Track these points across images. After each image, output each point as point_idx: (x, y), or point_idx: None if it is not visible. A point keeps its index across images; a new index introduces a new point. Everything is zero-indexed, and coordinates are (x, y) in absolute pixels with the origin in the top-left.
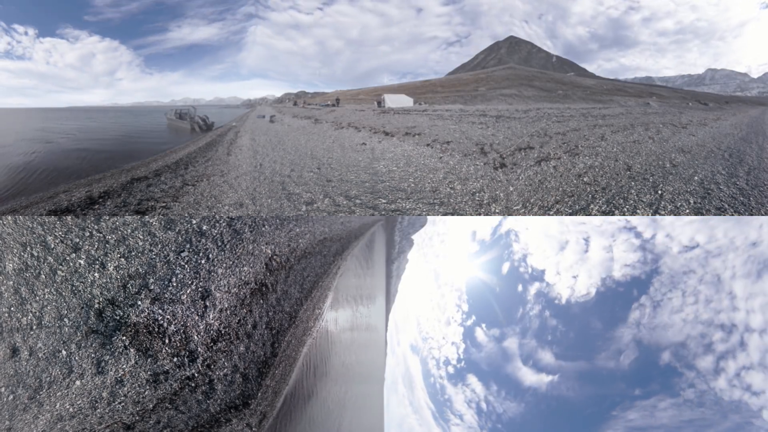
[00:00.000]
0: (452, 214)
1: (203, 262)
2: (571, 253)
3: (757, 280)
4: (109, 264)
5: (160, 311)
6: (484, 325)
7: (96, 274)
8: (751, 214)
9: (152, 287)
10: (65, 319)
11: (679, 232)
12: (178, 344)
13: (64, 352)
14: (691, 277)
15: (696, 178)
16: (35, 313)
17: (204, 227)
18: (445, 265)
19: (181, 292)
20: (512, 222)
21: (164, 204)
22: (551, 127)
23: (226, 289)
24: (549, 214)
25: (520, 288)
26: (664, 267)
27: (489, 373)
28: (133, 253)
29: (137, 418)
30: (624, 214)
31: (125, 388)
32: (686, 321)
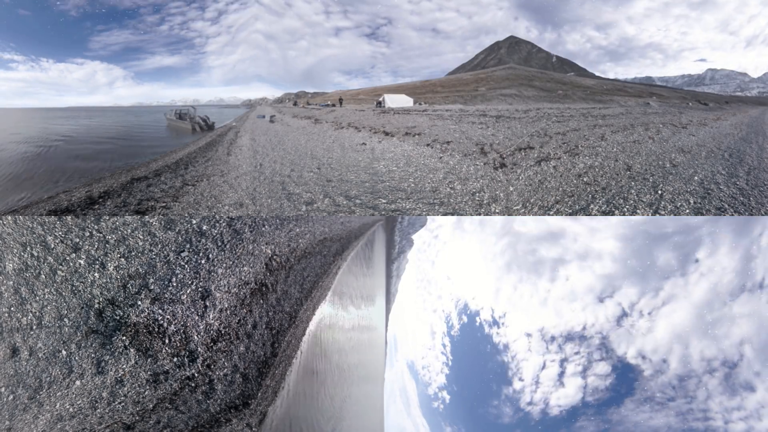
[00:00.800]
0: (452, 214)
1: (203, 262)
2: (547, 379)
3: (733, 397)
4: (109, 264)
5: (160, 311)
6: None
7: (96, 274)
8: (751, 214)
9: (152, 287)
10: (65, 319)
11: (650, 347)
12: (178, 344)
13: (64, 352)
14: (664, 396)
15: (696, 178)
16: (35, 313)
17: (204, 227)
18: (439, 326)
19: (181, 292)
20: (499, 334)
21: (164, 204)
22: (551, 127)
23: (226, 289)
24: (549, 214)
25: (495, 387)
26: (638, 390)
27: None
28: (133, 253)
29: (137, 418)
30: (624, 214)
31: (125, 388)
32: (656, 428)
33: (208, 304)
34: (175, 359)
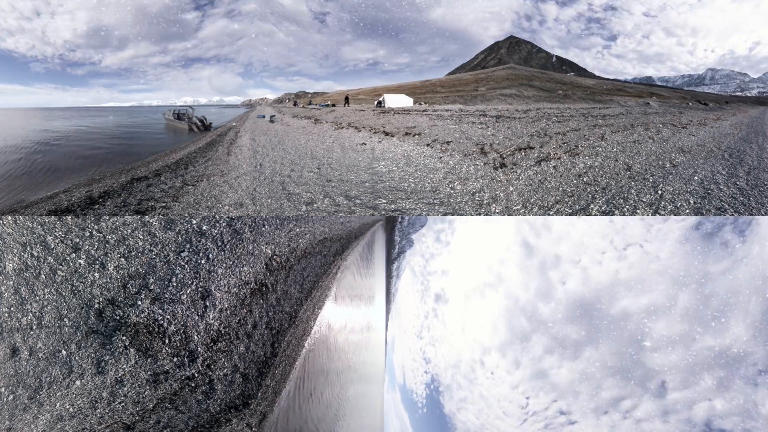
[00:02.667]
0: (452, 214)
1: (203, 262)
2: None
3: None
4: (109, 264)
5: (160, 311)
6: None
7: (96, 274)
8: (751, 214)
9: (152, 287)
10: (65, 319)
11: None
12: (178, 344)
13: (64, 352)
14: None
15: (696, 178)
16: (35, 313)
17: (204, 227)
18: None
19: (181, 292)
20: None
21: (164, 204)
22: (551, 127)
23: (226, 289)
24: (549, 214)
25: None
26: None
27: None
28: (133, 253)
29: (137, 418)
30: (624, 214)
31: (125, 388)
32: None
33: (208, 304)
34: (175, 359)
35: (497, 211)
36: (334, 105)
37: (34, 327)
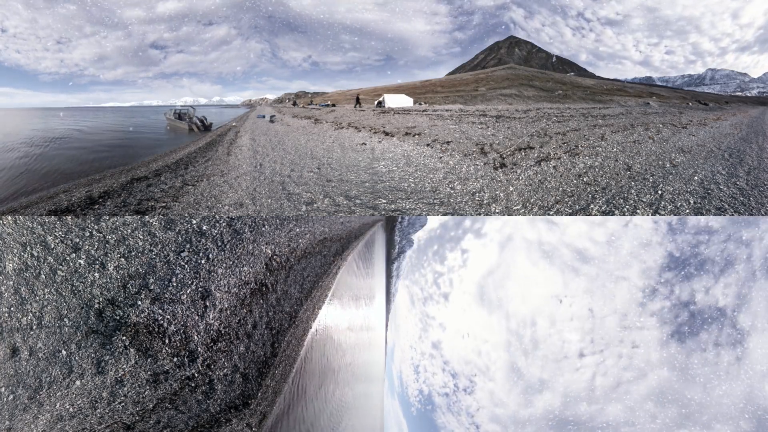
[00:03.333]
0: (452, 214)
1: (203, 262)
2: None
3: None
4: (109, 264)
5: (160, 311)
6: None
7: (96, 274)
8: (751, 214)
9: (152, 287)
10: (65, 319)
11: None
12: (178, 344)
13: (64, 352)
14: None
15: (696, 178)
16: (35, 313)
17: (204, 227)
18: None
19: (181, 292)
20: None
21: (164, 204)
22: (551, 127)
23: (226, 289)
24: (549, 214)
25: None
26: None
27: None
28: (133, 253)
29: (137, 418)
30: (624, 214)
31: (125, 388)
32: None
33: (208, 304)
34: (175, 359)
35: (497, 210)
36: (334, 105)
37: (34, 327)
